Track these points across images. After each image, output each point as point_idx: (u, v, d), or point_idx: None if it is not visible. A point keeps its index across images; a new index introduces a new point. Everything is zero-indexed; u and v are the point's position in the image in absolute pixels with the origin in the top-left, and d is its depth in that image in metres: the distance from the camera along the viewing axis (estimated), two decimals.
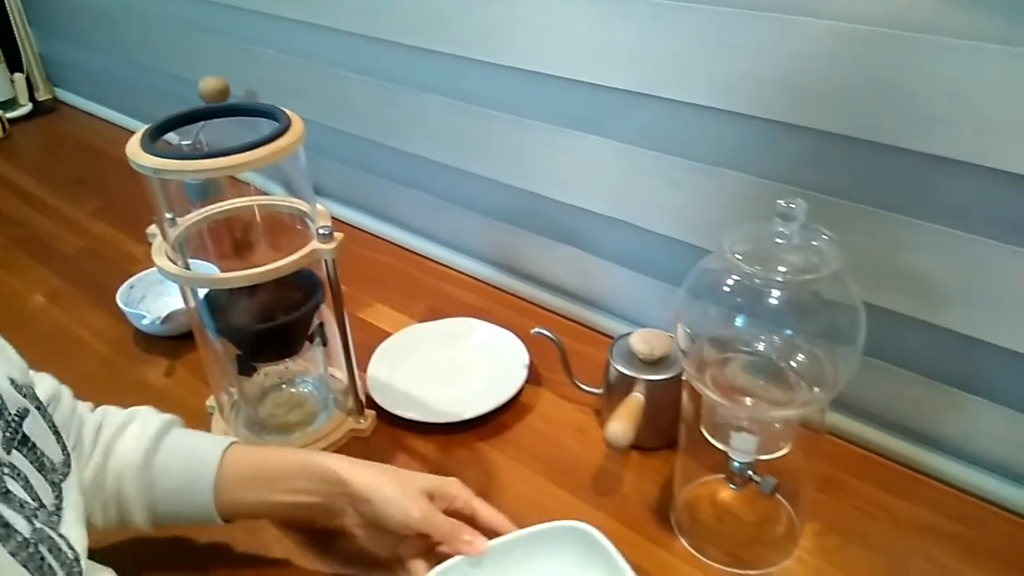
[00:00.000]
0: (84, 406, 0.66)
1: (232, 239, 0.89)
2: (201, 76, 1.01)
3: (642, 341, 0.79)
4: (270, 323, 0.77)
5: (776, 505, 0.74)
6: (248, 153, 0.63)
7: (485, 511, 0.66)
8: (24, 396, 0.51)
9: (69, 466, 0.52)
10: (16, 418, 0.49)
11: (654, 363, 0.79)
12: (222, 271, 0.78)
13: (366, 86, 1.12)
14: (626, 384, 0.79)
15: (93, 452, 0.62)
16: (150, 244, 0.75)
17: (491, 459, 0.82)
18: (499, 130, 0.98)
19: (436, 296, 1.08)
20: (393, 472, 0.67)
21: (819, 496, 0.74)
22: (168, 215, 0.74)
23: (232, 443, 0.66)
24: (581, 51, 0.85)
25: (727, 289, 0.61)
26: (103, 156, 1.58)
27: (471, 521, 0.65)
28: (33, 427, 0.51)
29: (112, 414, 0.66)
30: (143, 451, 0.62)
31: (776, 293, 0.58)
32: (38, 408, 0.52)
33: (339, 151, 1.23)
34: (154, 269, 1.06)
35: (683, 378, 0.66)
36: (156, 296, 1.05)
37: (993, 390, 0.72)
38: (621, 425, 0.73)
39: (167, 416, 0.67)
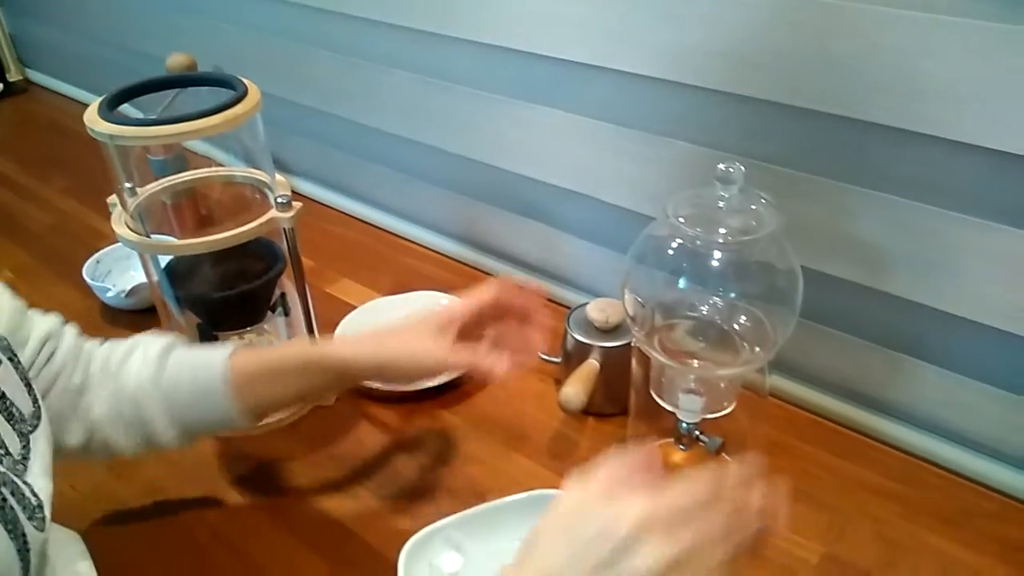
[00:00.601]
0: (92, 343, 0.66)
1: (194, 214, 0.90)
2: (168, 53, 1.01)
3: (597, 310, 0.81)
4: (230, 291, 0.78)
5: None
6: (204, 120, 0.64)
7: (511, 299, 0.67)
8: None
9: (39, 418, 0.53)
10: None
11: (609, 331, 0.81)
12: None
13: (331, 61, 1.13)
14: (583, 352, 0.81)
15: (104, 382, 0.63)
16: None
17: (452, 426, 0.84)
18: (461, 104, 0.99)
19: (401, 271, 1.10)
20: (395, 333, 0.66)
21: (766, 459, 0.76)
22: (128, 184, 0.75)
23: (234, 351, 0.66)
24: (537, 24, 0.86)
25: (671, 253, 0.63)
26: (73, 135, 1.56)
27: (506, 309, 0.67)
28: (4, 377, 0.51)
29: (117, 344, 0.66)
30: (150, 372, 0.63)
31: (717, 255, 0.60)
32: (11, 359, 0.53)
33: (305, 127, 1.24)
34: (120, 244, 1.07)
35: (633, 344, 0.68)
36: (122, 271, 1.05)
37: (935, 354, 0.75)
38: (574, 389, 0.75)
39: (168, 337, 0.67)
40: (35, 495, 0.49)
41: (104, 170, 0.72)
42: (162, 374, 0.64)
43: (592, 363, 0.80)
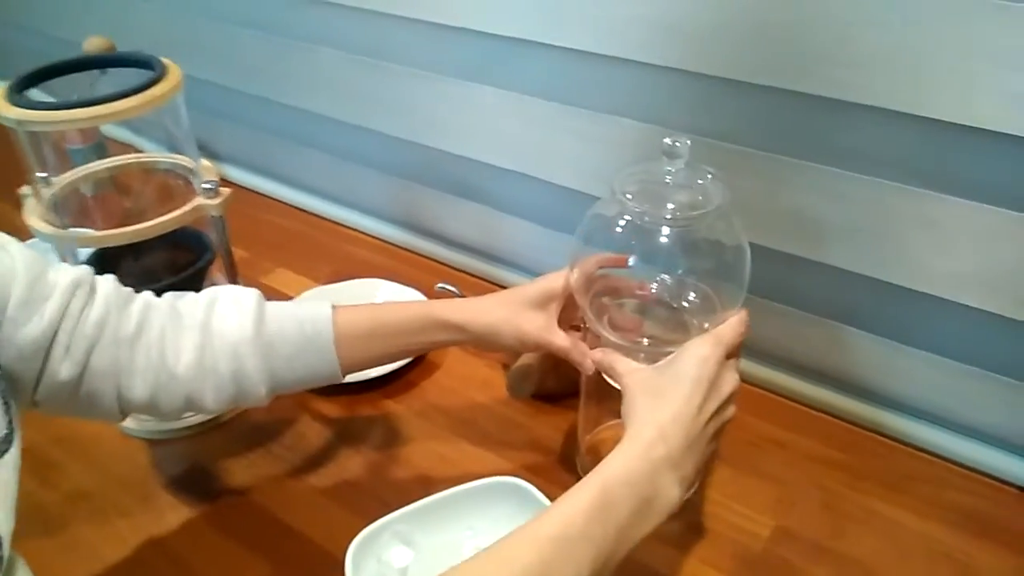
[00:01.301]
0: (143, 294, 0.61)
1: (117, 206, 0.85)
2: (85, 37, 0.95)
3: None
4: (156, 285, 0.73)
5: None
6: (120, 102, 0.60)
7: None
8: None
9: (10, 442, 0.48)
10: None
11: None
12: None
13: (257, 41, 1.08)
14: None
15: (184, 334, 0.59)
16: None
17: (398, 416, 0.81)
18: (393, 83, 0.96)
19: (339, 258, 1.06)
20: (501, 302, 0.67)
21: None
22: (41, 174, 0.70)
23: (334, 305, 0.64)
24: None
25: (619, 231, 0.62)
26: None
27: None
28: None
29: (185, 298, 0.62)
30: (251, 322, 0.60)
31: (665, 231, 0.59)
32: None
33: (233, 111, 1.19)
34: (35, 240, 1.01)
35: (583, 325, 0.67)
36: None
37: (872, 323, 0.76)
38: (522, 373, 0.73)
39: (248, 288, 0.63)
40: None
41: (16, 161, 0.67)
42: (263, 326, 0.60)
43: (531, 356, 0.78)
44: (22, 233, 1.01)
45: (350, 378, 0.80)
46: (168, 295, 0.62)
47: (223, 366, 0.59)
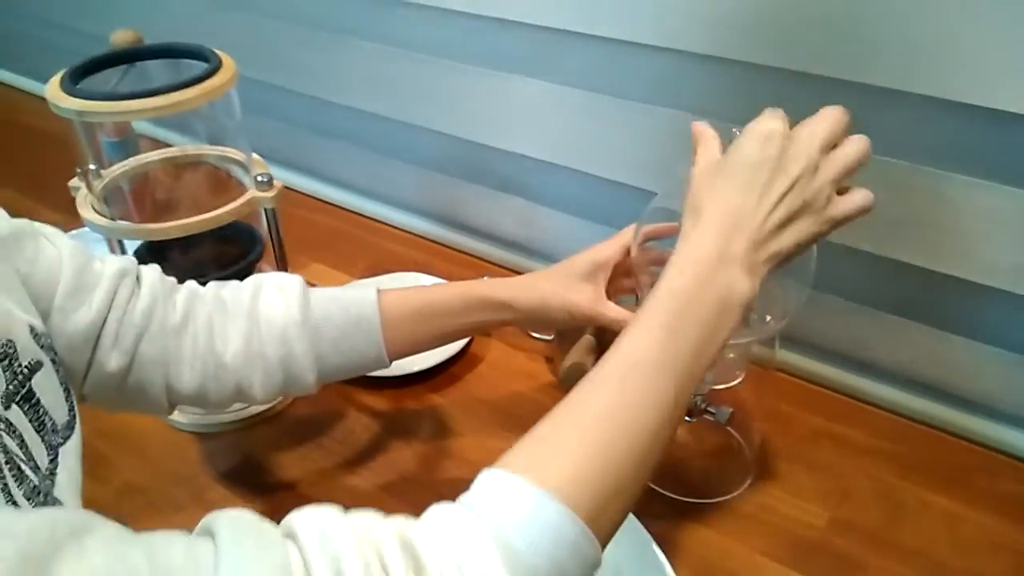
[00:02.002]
0: (188, 283, 0.61)
1: (152, 199, 0.84)
2: (112, 31, 0.95)
3: None
4: (205, 278, 0.73)
5: (727, 437, 0.76)
6: (181, 92, 0.60)
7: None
8: (42, 347, 0.46)
9: (72, 429, 0.48)
10: (26, 370, 0.44)
11: None
12: None
13: (291, 34, 1.08)
14: (578, 328, 0.80)
15: (231, 322, 0.58)
16: (73, 198, 0.70)
17: (443, 410, 0.81)
18: (431, 76, 0.96)
19: (375, 253, 1.06)
20: (546, 277, 0.66)
21: (766, 427, 0.77)
22: (92, 166, 0.69)
23: (379, 288, 0.63)
24: None
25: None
26: (7, 125, 1.47)
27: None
28: (43, 382, 0.46)
29: (229, 287, 0.61)
30: (297, 307, 0.59)
31: None
32: (53, 361, 0.47)
33: (265, 105, 1.18)
34: (72, 232, 1.00)
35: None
36: None
37: (928, 314, 0.75)
38: (576, 363, 0.73)
39: (291, 275, 0.63)
40: None
41: (41, 157, 0.67)
42: (309, 310, 0.60)
43: (588, 337, 0.78)
44: (63, 229, 1.02)
45: (396, 370, 0.82)
46: (212, 284, 0.62)
47: (271, 352, 0.58)
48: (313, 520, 0.35)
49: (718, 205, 0.48)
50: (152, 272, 0.59)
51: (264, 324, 0.59)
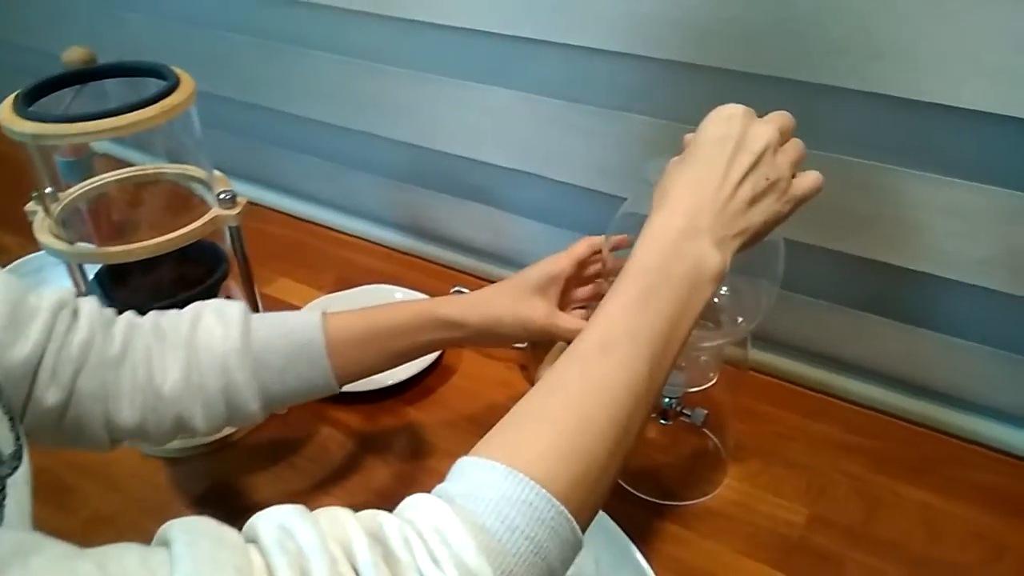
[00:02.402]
0: (126, 314, 0.58)
1: (118, 219, 0.82)
2: (64, 48, 0.92)
3: None
4: (170, 300, 0.71)
5: (703, 438, 0.76)
6: (140, 111, 0.58)
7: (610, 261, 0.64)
8: None
9: (20, 458, 0.45)
10: None
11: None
12: None
13: (248, 47, 1.06)
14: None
15: (170, 352, 0.56)
16: (29, 223, 0.68)
17: (419, 422, 0.80)
18: (394, 86, 0.95)
19: (343, 266, 1.05)
20: (499, 292, 0.64)
21: (741, 427, 0.77)
22: (48, 189, 0.67)
23: (325, 311, 0.61)
24: None
25: None
26: None
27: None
28: None
29: (168, 315, 0.58)
30: (238, 334, 0.57)
31: None
32: None
33: (224, 119, 1.16)
34: (30, 257, 0.98)
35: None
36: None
37: (894, 309, 0.77)
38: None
39: (233, 301, 0.61)
40: None
41: None
42: (250, 337, 0.57)
43: (563, 344, 0.78)
44: (6, 253, 0.99)
45: (369, 385, 0.81)
46: (152, 313, 0.59)
47: (211, 382, 0.56)
48: (274, 519, 0.34)
49: (683, 183, 0.48)
50: (90, 303, 0.56)
51: (203, 353, 0.56)
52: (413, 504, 0.37)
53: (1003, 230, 0.66)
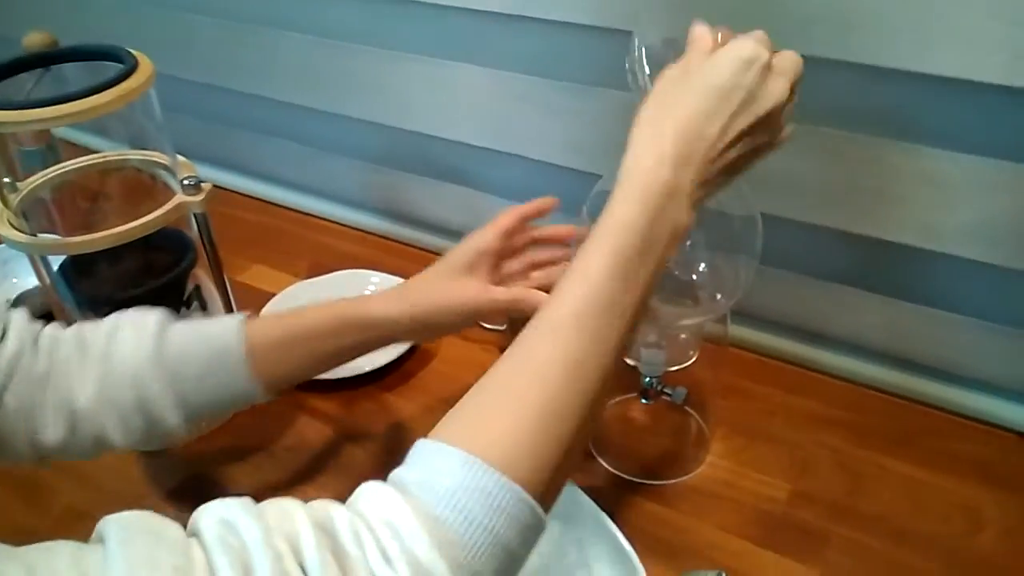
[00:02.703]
0: (51, 326, 0.55)
1: (82, 208, 0.80)
2: (24, 33, 0.89)
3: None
4: (136, 290, 0.70)
5: (686, 417, 0.76)
6: (98, 96, 0.56)
7: (543, 231, 0.62)
8: None
9: None
10: None
11: None
12: None
13: (215, 29, 1.03)
14: (529, 317, 0.78)
15: (87, 367, 0.53)
16: None
17: (398, 408, 0.79)
18: (364, 66, 0.93)
19: (318, 251, 1.03)
20: (423, 281, 0.61)
21: (723, 403, 0.77)
22: (6, 179, 0.65)
23: (246, 317, 0.58)
24: None
25: None
26: None
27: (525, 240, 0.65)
28: None
29: (90, 325, 0.56)
30: (152, 344, 0.54)
31: None
32: None
33: (193, 104, 1.13)
34: None
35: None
36: (1, 279, 0.94)
37: (873, 282, 0.76)
38: None
39: (157, 311, 0.58)
40: None
41: None
42: (164, 348, 0.54)
43: None
44: None
45: (346, 371, 0.79)
46: (76, 324, 0.57)
47: (125, 394, 0.53)
48: (217, 513, 0.33)
49: (678, 126, 0.43)
50: (19, 317, 0.54)
51: (118, 364, 0.54)
52: (365, 495, 0.36)
53: (982, 200, 0.66)
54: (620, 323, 0.40)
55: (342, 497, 0.36)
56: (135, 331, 0.55)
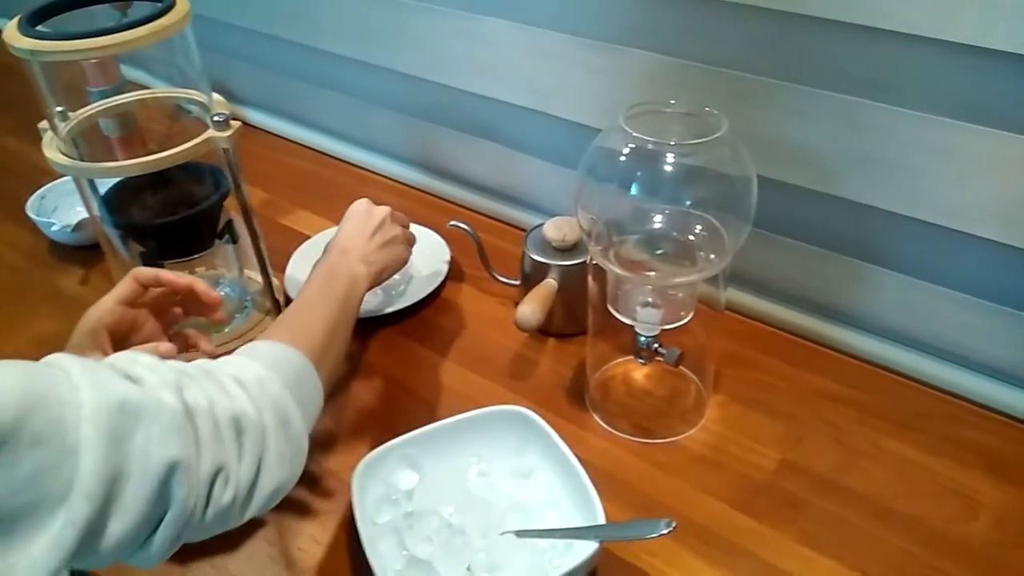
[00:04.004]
0: None
1: (141, 146, 0.86)
2: None
3: (554, 228, 0.80)
4: (171, 217, 0.75)
5: (684, 380, 0.76)
6: (129, 32, 0.61)
7: (173, 281, 0.64)
8: None
9: None
10: None
11: (567, 250, 0.80)
12: None
13: None
14: (541, 272, 0.80)
15: None
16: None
17: (414, 352, 0.82)
18: (410, 20, 0.95)
19: (357, 199, 1.06)
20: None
21: (725, 371, 0.77)
22: (59, 108, 0.71)
23: None
24: None
25: (623, 162, 0.61)
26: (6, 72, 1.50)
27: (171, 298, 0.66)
28: None
29: None
30: None
31: (670, 159, 0.59)
32: None
33: (248, 52, 1.19)
34: (67, 178, 1.03)
35: (589, 260, 0.67)
36: (68, 206, 1.02)
37: (888, 257, 0.74)
38: (530, 307, 0.74)
39: None
40: None
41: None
42: None
43: (549, 282, 0.78)
44: (50, 174, 1.05)
45: (363, 313, 0.83)
46: None
47: None
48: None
49: (343, 233, 0.74)
50: None
51: None
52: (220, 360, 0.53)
53: (999, 176, 0.63)
54: (333, 302, 0.65)
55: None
56: None
